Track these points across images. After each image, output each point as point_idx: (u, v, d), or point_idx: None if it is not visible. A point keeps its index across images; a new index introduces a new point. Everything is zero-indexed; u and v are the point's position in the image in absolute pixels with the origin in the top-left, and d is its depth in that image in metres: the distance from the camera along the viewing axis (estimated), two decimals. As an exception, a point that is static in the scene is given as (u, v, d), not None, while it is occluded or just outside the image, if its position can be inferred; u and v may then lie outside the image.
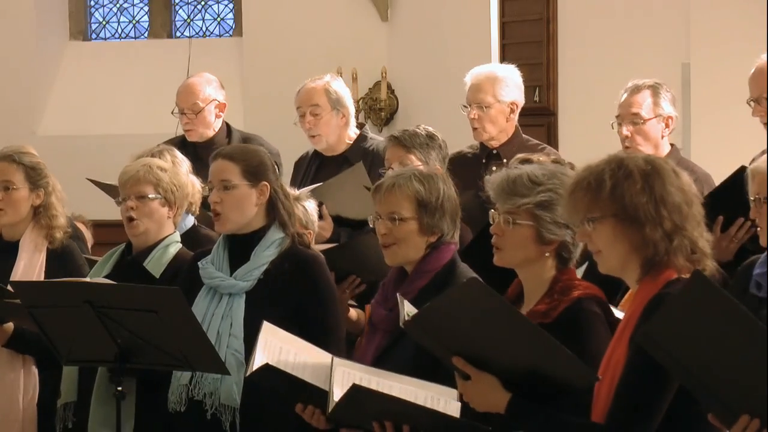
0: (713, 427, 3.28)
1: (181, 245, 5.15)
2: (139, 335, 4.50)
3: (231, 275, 4.74)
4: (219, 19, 10.52)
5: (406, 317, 3.91)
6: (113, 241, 5.64)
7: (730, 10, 7.61)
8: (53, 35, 10.25)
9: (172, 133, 6.95)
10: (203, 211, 5.67)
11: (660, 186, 3.46)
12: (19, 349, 5.37)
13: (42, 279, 5.36)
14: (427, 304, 3.60)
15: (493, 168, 5.21)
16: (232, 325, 4.67)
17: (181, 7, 10.59)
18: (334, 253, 5.12)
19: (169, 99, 7.01)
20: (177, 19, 10.60)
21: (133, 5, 10.60)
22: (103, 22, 10.61)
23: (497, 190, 3.89)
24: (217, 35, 10.51)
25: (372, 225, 4.50)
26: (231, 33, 10.45)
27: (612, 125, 5.80)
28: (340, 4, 9.69)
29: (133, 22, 10.60)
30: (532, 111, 7.36)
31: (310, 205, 5.34)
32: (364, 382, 3.83)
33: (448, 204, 4.40)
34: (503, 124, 6.19)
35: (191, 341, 4.47)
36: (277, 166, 5.06)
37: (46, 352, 4.87)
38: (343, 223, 5.93)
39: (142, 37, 10.60)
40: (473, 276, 4.20)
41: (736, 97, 5.67)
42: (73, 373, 5.06)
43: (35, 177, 5.54)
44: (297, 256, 4.74)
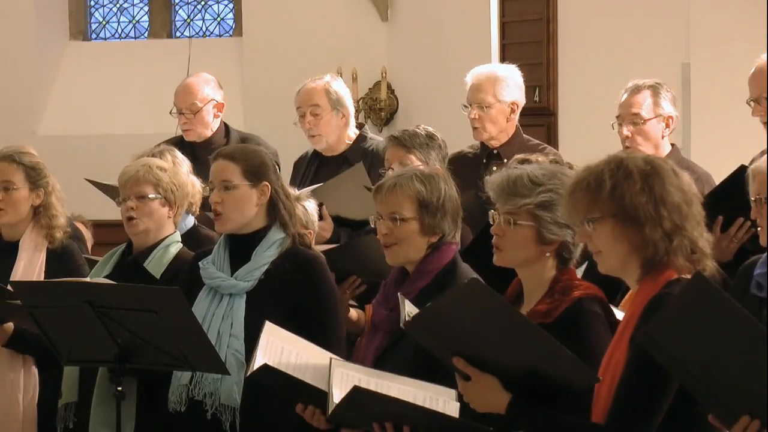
0: (713, 427, 3.29)
1: (181, 245, 5.15)
2: (139, 335, 4.50)
3: (232, 275, 4.74)
4: (219, 19, 10.52)
5: (407, 317, 3.91)
6: (113, 241, 5.64)
7: (730, 10, 7.60)
8: (53, 35, 10.25)
9: (172, 133, 6.95)
10: (202, 211, 5.68)
11: (660, 186, 3.46)
12: (19, 349, 5.37)
13: (42, 279, 5.36)
14: (428, 305, 3.60)
15: (494, 168, 5.20)
16: (232, 325, 4.67)
17: (181, 7, 10.59)
18: (335, 253, 5.12)
19: (169, 99, 7.01)
20: (177, 19, 10.60)
21: (133, 5, 10.60)
22: (103, 22, 10.60)
23: (497, 190, 3.88)
24: (217, 35, 10.51)
25: (373, 225, 4.50)
26: (231, 33, 10.45)
27: (612, 125, 5.80)
28: (340, 4, 9.69)
29: (133, 22, 10.60)
30: (532, 111, 7.35)
31: (311, 204, 5.34)
32: (363, 383, 3.83)
33: (450, 204, 4.39)
34: (503, 124, 6.19)
35: (191, 341, 4.47)
36: (277, 166, 5.06)
37: (46, 352, 4.87)
38: (343, 224, 5.93)
39: (142, 37, 10.60)
40: (474, 277, 4.20)
41: (736, 97, 5.66)
42: (74, 373, 5.06)
43: (35, 177, 5.54)
44: (298, 257, 4.74)
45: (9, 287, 4.99)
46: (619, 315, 3.73)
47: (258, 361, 4.01)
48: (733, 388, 3.13)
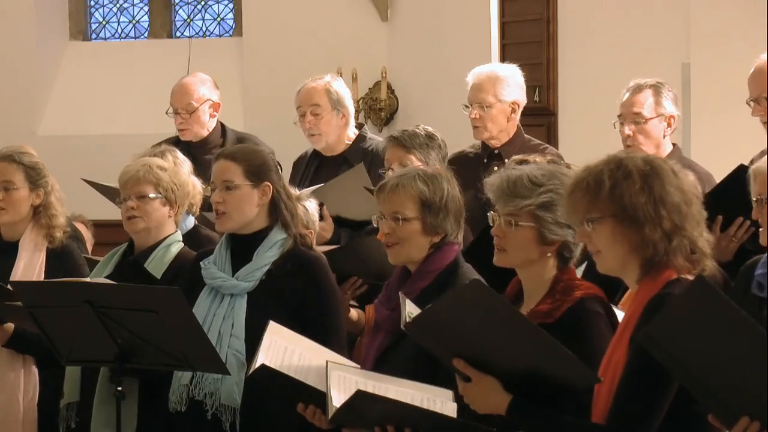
0: (713, 427, 3.29)
1: (182, 244, 5.15)
2: (140, 335, 4.50)
3: (233, 276, 4.74)
4: (219, 19, 10.52)
5: (408, 317, 3.91)
6: (114, 241, 5.64)
7: (730, 10, 7.60)
8: (53, 35, 10.25)
9: (172, 133, 6.95)
10: (201, 212, 5.68)
11: (659, 186, 3.46)
12: (19, 349, 5.38)
13: (42, 279, 5.36)
14: (428, 306, 3.60)
15: (494, 168, 5.20)
16: (233, 325, 4.67)
17: (181, 7, 10.58)
18: (335, 254, 5.12)
19: (169, 99, 7.01)
20: (177, 19, 10.59)
21: (133, 5, 10.59)
22: (103, 22, 10.60)
23: (497, 192, 3.88)
24: (217, 35, 10.50)
25: (376, 224, 4.50)
26: (231, 33, 10.44)
27: (614, 125, 5.80)
28: (340, 4, 9.68)
29: (133, 22, 10.60)
30: (532, 111, 7.35)
31: (311, 204, 5.34)
32: (360, 385, 3.82)
33: (452, 204, 4.38)
34: (504, 123, 6.19)
35: (191, 341, 4.47)
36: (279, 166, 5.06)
37: (46, 352, 4.87)
38: (344, 224, 5.93)
39: (142, 37, 10.59)
40: (475, 278, 4.20)
41: (736, 97, 5.66)
42: (75, 373, 5.06)
43: (35, 177, 5.54)
44: (299, 257, 4.74)
45: (9, 287, 4.99)
46: (619, 315, 3.73)
47: (258, 361, 4.02)
48: (733, 389, 3.13)
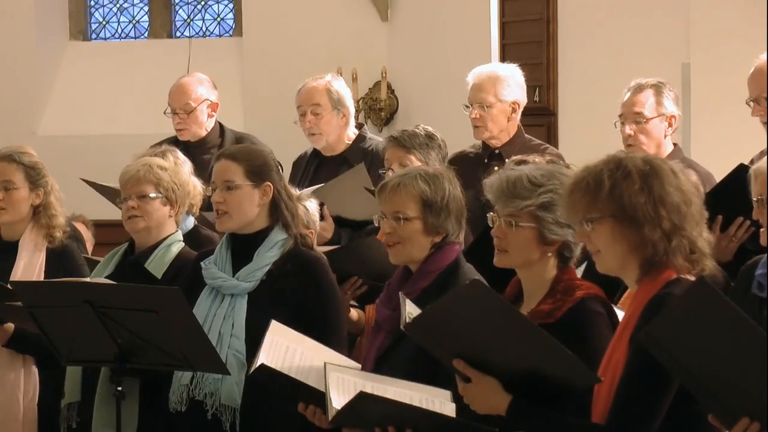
0: (713, 427, 3.28)
1: (183, 244, 5.15)
2: (140, 335, 4.50)
3: (234, 276, 4.74)
4: (219, 19, 10.52)
5: (408, 317, 3.90)
6: (115, 241, 5.64)
7: (730, 10, 7.60)
8: (53, 35, 10.25)
9: (172, 133, 6.95)
10: (200, 212, 5.67)
11: (658, 186, 3.46)
12: (19, 349, 5.37)
13: (42, 278, 5.36)
14: (428, 307, 3.60)
15: (495, 168, 5.20)
16: (233, 325, 4.67)
17: (181, 7, 10.58)
18: (336, 254, 5.12)
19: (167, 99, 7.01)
20: (177, 19, 10.59)
21: (133, 5, 10.60)
22: (103, 22, 10.60)
23: (497, 193, 3.87)
24: (217, 35, 10.50)
25: (377, 224, 4.50)
26: (231, 33, 10.45)
27: (615, 124, 5.80)
28: (340, 4, 9.68)
29: (133, 22, 10.60)
30: (532, 111, 7.35)
31: (312, 204, 5.33)
32: (359, 386, 3.82)
33: (454, 204, 4.37)
34: (505, 123, 6.18)
35: (191, 341, 4.47)
36: (280, 167, 5.06)
37: (46, 352, 4.87)
38: (344, 224, 5.93)
39: (142, 37, 10.59)
40: (475, 278, 4.19)
41: (736, 97, 5.66)
42: (76, 373, 5.06)
43: (35, 176, 5.54)
44: (300, 258, 4.74)
45: (9, 287, 4.99)
46: (620, 314, 3.73)
47: (259, 361, 4.02)
48: (733, 389, 3.13)
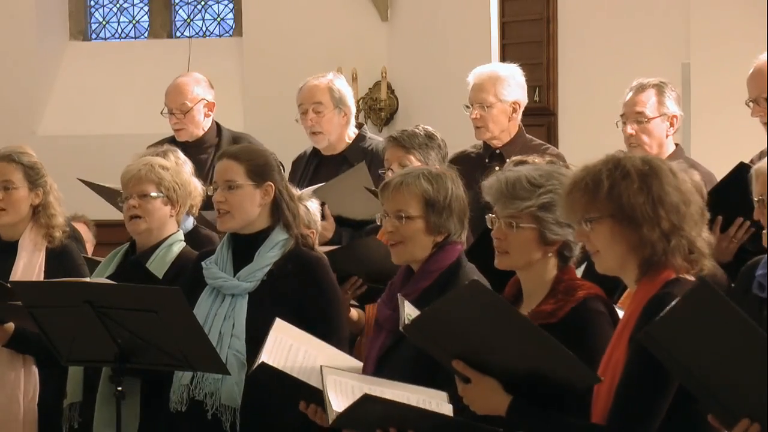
0: (713, 427, 3.28)
1: (184, 244, 5.15)
2: (140, 335, 4.50)
3: (234, 276, 4.74)
4: (219, 19, 10.52)
5: (407, 318, 3.90)
6: (115, 241, 5.65)
7: (730, 10, 7.60)
8: (53, 35, 10.25)
9: (171, 133, 6.95)
10: (200, 212, 5.67)
11: (657, 186, 3.46)
12: (19, 349, 5.37)
13: (42, 278, 5.36)
14: (427, 308, 3.59)
15: (496, 168, 5.19)
16: (234, 325, 4.67)
17: (181, 7, 10.58)
18: (336, 254, 5.12)
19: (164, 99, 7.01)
20: (177, 19, 10.59)
21: (133, 5, 10.60)
22: (103, 22, 10.60)
23: (496, 194, 3.86)
24: (217, 35, 10.50)
25: (379, 222, 4.49)
26: (231, 33, 10.45)
27: (616, 124, 5.80)
28: (340, 4, 9.68)
29: (133, 22, 10.60)
30: (532, 111, 7.35)
31: (313, 204, 5.33)
32: (355, 389, 3.82)
33: (456, 204, 4.37)
34: (505, 123, 6.18)
35: (191, 341, 4.47)
36: (281, 167, 5.06)
37: (46, 352, 4.87)
38: (344, 224, 5.92)
39: (142, 37, 10.59)
40: (474, 278, 4.18)
41: (736, 97, 5.66)
42: (78, 373, 5.06)
43: (34, 176, 5.54)
44: (301, 258, 4.73)
45: (9, 286, 4.99)
46: (621, 314, 3.72)
47: (260, 359, 4.02)
48: (734, 390, 3.12)
